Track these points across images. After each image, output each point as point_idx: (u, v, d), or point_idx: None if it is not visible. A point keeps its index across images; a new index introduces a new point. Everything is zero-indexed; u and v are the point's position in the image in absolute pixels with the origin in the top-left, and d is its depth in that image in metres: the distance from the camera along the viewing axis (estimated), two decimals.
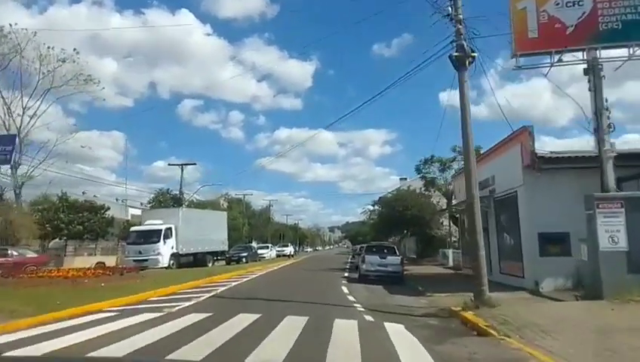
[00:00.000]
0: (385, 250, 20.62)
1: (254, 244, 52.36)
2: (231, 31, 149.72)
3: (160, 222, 27.33)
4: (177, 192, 41.41)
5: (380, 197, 33.92)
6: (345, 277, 21.65)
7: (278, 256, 49.79)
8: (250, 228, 77.75)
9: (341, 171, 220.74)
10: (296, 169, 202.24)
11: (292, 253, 56.41)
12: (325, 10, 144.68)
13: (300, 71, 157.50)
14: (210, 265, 30.67)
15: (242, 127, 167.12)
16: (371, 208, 40.01)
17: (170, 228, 27.11)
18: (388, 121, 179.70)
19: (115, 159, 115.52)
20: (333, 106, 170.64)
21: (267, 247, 46.82)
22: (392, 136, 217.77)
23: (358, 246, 38.60)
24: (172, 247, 27.06)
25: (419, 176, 37.48)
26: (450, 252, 31.44)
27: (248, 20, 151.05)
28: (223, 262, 33.67)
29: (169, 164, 53.64)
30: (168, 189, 45.68)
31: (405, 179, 72.92)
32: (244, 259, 35.62)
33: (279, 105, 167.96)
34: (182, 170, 41.04)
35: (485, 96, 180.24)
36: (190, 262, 28.80)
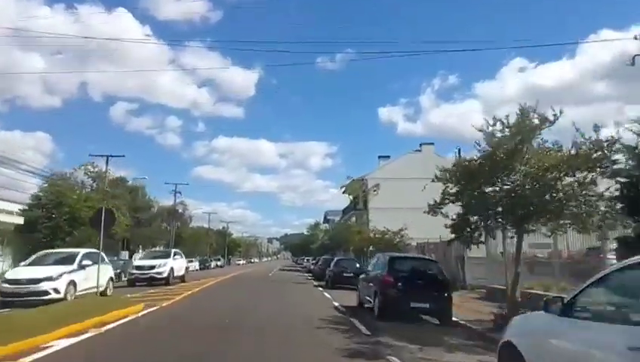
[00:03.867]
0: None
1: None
2: (171, 34, 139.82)
3: None
4: None
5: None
6: None
7: (135, 281, 22.44)
8: (139, 227, 50.28)
9: (281, 182, 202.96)
10: (235, 178, 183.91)
11: (181, 273, 24.47)
12: (271, 19, 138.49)
13: (243, 78, 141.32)
14: None
15: (180, 133, 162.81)
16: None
17: None
18: (329, 133, 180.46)
19: (39, 162, 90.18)
20: (275, 115, 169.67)
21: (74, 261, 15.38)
22: (333, 149, 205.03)
23: (334, 259, 25.50)
24: None
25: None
26: None
27: (190, 24, 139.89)
28: None
29: None
30: None
31: (388, 157, 46.31)
32: None
33: (220, 112, 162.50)
34: None
35: None
36: None
